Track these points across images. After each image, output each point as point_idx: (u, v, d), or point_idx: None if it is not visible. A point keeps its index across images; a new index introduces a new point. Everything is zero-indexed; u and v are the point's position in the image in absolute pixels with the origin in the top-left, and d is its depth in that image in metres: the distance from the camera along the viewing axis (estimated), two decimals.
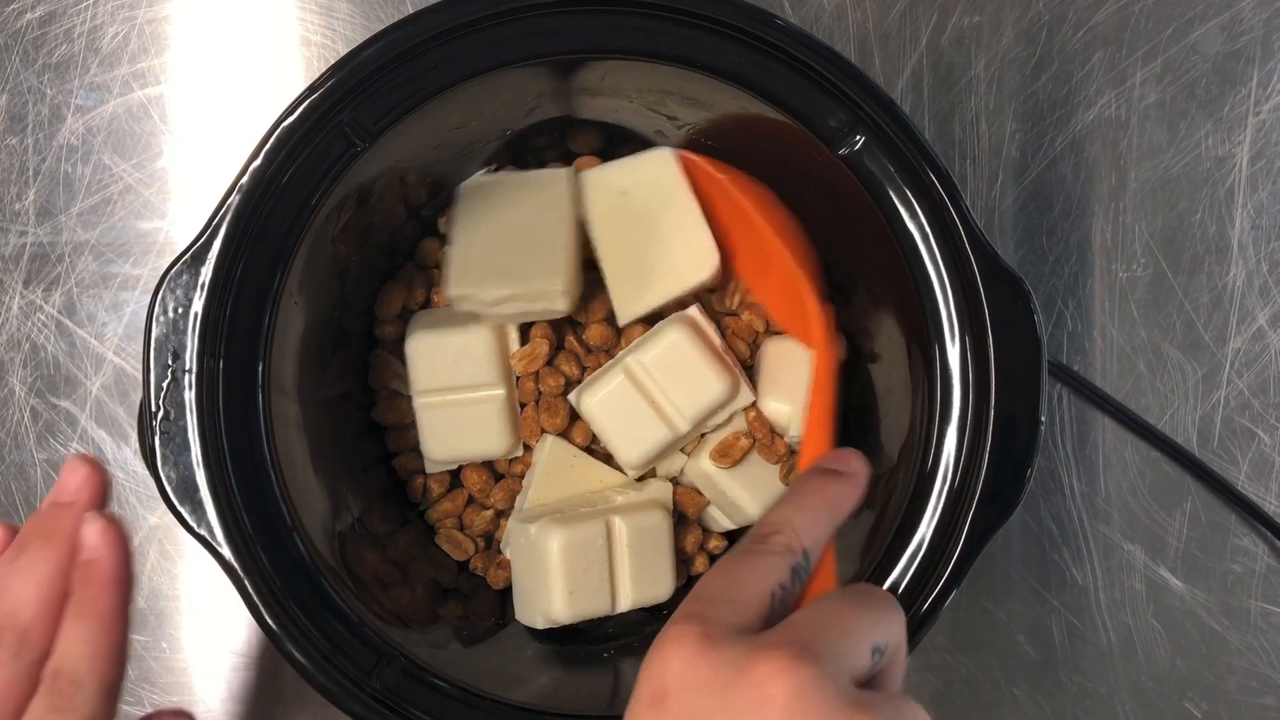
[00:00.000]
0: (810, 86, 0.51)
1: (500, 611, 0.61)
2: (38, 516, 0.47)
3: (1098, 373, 0.68)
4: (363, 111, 0.49)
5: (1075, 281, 0.67)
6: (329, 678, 0.49)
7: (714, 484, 0.60)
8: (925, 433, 0.51)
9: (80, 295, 0.66)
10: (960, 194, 0.50)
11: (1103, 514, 0.68)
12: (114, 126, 0.67)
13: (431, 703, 0.50)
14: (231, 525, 0.48)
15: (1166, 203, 0.67)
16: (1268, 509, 0.67)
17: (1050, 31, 0.67)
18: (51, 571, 0.45)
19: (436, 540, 0.62)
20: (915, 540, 0.51)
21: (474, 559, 0.62)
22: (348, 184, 0.51)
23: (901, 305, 0.52)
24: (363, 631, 0.49)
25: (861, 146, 0.51)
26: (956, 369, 0.51)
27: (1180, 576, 0.68)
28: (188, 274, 0.48)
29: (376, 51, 0.49)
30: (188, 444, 0.48)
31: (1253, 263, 0.67)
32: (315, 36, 0.67)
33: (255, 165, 0.49)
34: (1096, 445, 0.68)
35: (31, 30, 0.67)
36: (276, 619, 0.48)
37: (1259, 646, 0.67)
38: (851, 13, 0.67)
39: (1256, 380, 0.67)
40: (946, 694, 0.67)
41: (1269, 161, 0.67)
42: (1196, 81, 0.67)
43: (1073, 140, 0.67)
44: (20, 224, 0.66)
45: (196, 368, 0.48)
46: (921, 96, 0.67)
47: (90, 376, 0.66)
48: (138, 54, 0.67)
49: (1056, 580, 0.67)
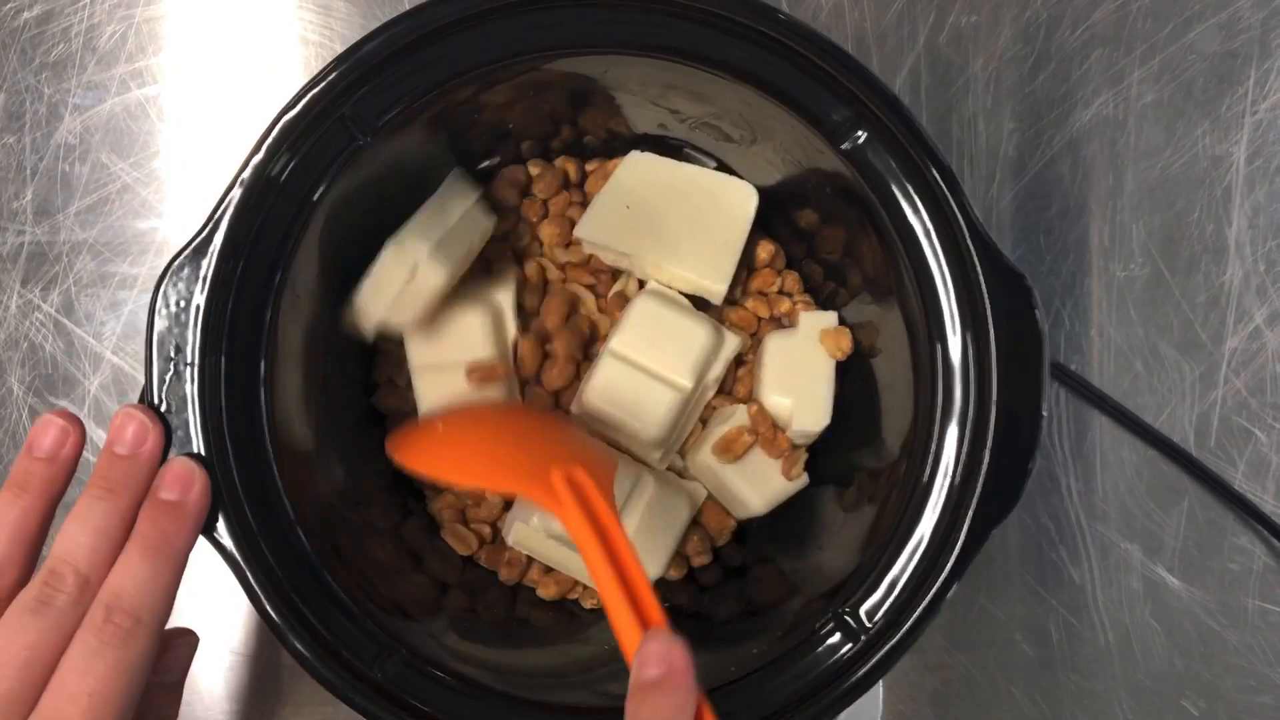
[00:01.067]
0: (813, 82, 0.51)
1: (511, 605, 0.61)
2: (101, 465, 0.47)
3: (1095, 372, 0.68)
4: (365, 105, 0.49)
5: (1073, 281, 0.68)
6: (330, 669, 0.49)
7: (716, 477, 0.60)
8: (927, 427, 0.51)
9: (78, 294, 0.66)
10: (963, 190, 0.50)
11: (1100, 513, 0.68)
12: (111, 125, 0.67)
13: (433, 694, 0.50)
14: (233, 518, 0.48)
15: (1164, 202, 0.68)
16: (1264, 508, 0.67)
17: (1048, 31, 0.68)
18: (114, 521, 0.45)
19: (442, 535, 0.62)
20: (916, 535, 0.51)
21: (479, 552, 0.62)
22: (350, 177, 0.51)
23: (903, 300, 0.52)
24: (364, 624, 0.49)
25: (864, 142, 0.51)
26: (958, 364, 0.51)
27: (1177, 575, 0.68)
28: (189, 267, 0.48)
29: (379, 45, 0.49)
30: (190, 437, 0.48)
31: (1250, 262, 0.67)
32: (313, 35, 0.67)
33: (257, 159, 0.49)
34: (1094, 444, 0.68)
35: (29, 29, 0.67)
36: (278, 611, 0.48)
37: (1256, 645, 0.67)
38: (849, 11, 0.67)
39: (1253, 379, 0.68)
40: (944, 692, 0.67)
41: (1266, 161, 0.67)
42: (1194, 81, 0.68)
43: (1070, 139, 0.68)
44: (18, 223, 0.66)
45: (198, 361, 0.48)
46: (919, 95, 0.67)
47: (88, 376, 0.66)
48: (135, 53, 0.67)
49: (1054, 579, 0.67)
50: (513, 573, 0.62)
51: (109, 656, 0.43)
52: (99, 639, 0.43)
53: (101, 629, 0.43)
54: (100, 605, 0.44)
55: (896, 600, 0.50)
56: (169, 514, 0.46)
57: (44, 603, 0.43)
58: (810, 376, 0.60)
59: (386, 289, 0.55)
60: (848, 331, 0.60)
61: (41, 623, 0.43)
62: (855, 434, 0.59)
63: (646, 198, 0.59)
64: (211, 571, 0.50)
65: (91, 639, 0.43)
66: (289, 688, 0.66)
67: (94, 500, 0.46)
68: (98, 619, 0.43)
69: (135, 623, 0.44)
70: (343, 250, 0.55)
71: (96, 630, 0.43)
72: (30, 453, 0.47)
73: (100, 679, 0.43)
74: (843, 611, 0.51)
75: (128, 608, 0.44)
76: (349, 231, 0.55)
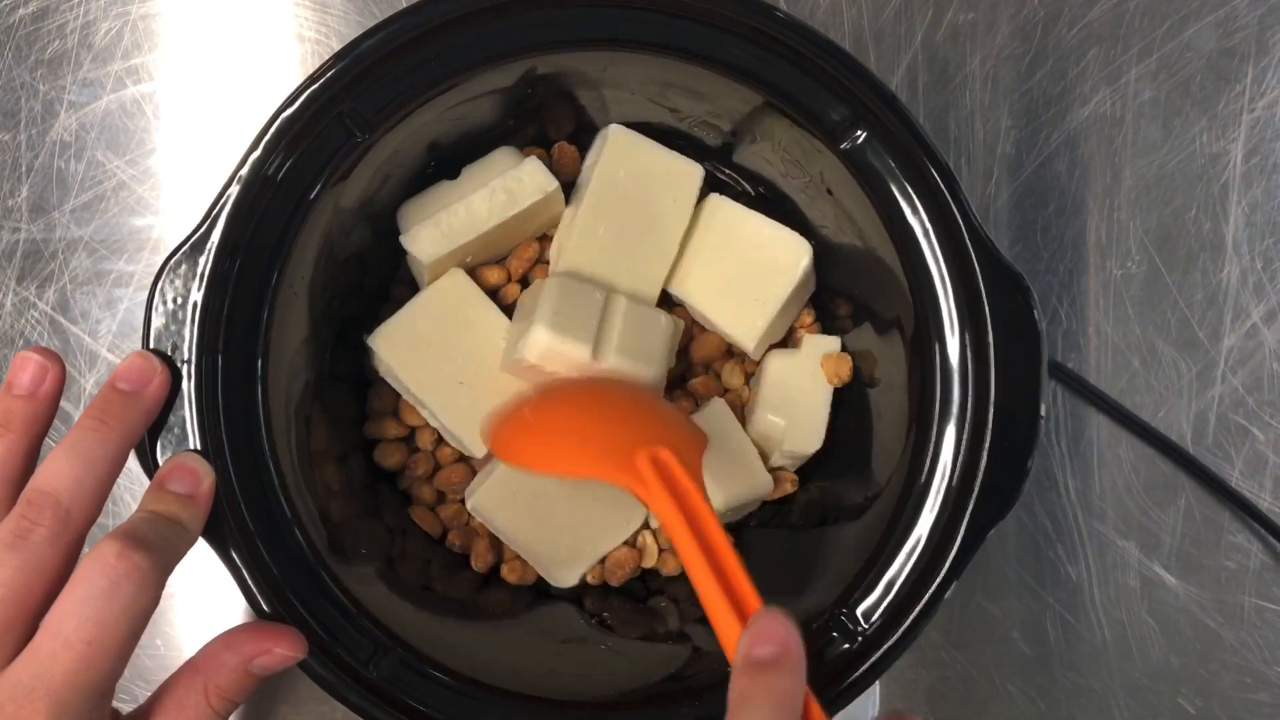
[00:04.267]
0: (812, 80, 0.51)
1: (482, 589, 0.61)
2: (99, 399, 0.45)
3: (1092, 370, 0.68)
4: (363, 102, 0.49)
5: (1070, 279, 0.68)
6: (326, 668, 0.49)
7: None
8: (925, 427, 0.51)
9: (74, 292, 0.66)
10: (962, 190, 0.50)
11: (1097, 511, 0.68)
12: (107, 123, 0.67)
13: (428, 693, 0.50)
14: (229, 515, 0.48)
15: (1161, 200, 0.68)
16: (1261, 506, 0.67)
17: (1045, 28, 0.68)
18: (103, 455, 0.44)
19: (410, 512, 0.61)
20: (914, 536, 0.51)
21: (450, 535, 0.62)
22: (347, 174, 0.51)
23: (902, 300, 0.52)
24: (360, 622, 0.49)
25: (863, 141, 0.51)
26: (956, 364, 0.51)
27: (1174, 573, 0.68)
28: (187, 264, 0.48)
29: (377, 42, 0.49)
30: (186, 436, 0.48)
31: (1247, 260, 0.67)
32: (309, 32, 0.67)
33: (255, 156, 0.49)
34: (1091, 442, 0.68)
35: (24, 26, 0.66)
36: (274, 610, 0.48)
37: (1253, 643, 0.68)
38: (846, 9, 0.67)
39: (1250, 377, 0.68)
40: (941, 690, 0.67)
41: (1263, 158, 0.67)
42: (1191, 78, 0.68)
43: (1067, 137, 0.68)
44: (13, 220, 0.66)
45: (195, 358, 0.48)
46: (916, 93, 0.67)
47: (84, 374, 0.66)
48: (131, 50, 0.67)
49: (1051, 577, 0.67)
50: (482, 557, 0.61)
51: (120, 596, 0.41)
52: (108, 579, 0.41)
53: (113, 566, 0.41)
54: (115, 538, 0.41)
55: (894, 601, 0.50)
56: (180, 503, 0.45)
57: (21, 536, 0.41)
58: (807, 399, 0.60)
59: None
60: (849, 359, 0.60)
61: (18, 558, 0.41)
62: (852, 434, 0.59)
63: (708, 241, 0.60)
64: (206, 569, 0.49)
65: (100, 579, 0.41)
66: (286, 686, 0.65)
67: (84, 431, 0.44)
68: (109, 558, 0.41)
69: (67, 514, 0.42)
70: (340, 248, 0.55)
71: (107, 568, 0.41)
72: (9, 391, 0.45)
73: (100, 625, 0.40)
74: (840, 612, 0.51)
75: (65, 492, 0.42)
76: (347, 229, 0.55)
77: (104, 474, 0.44)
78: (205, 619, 0.66)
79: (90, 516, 0.43)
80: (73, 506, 0.42)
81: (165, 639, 0.65)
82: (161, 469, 0.46)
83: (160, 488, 0.46)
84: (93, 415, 0.44)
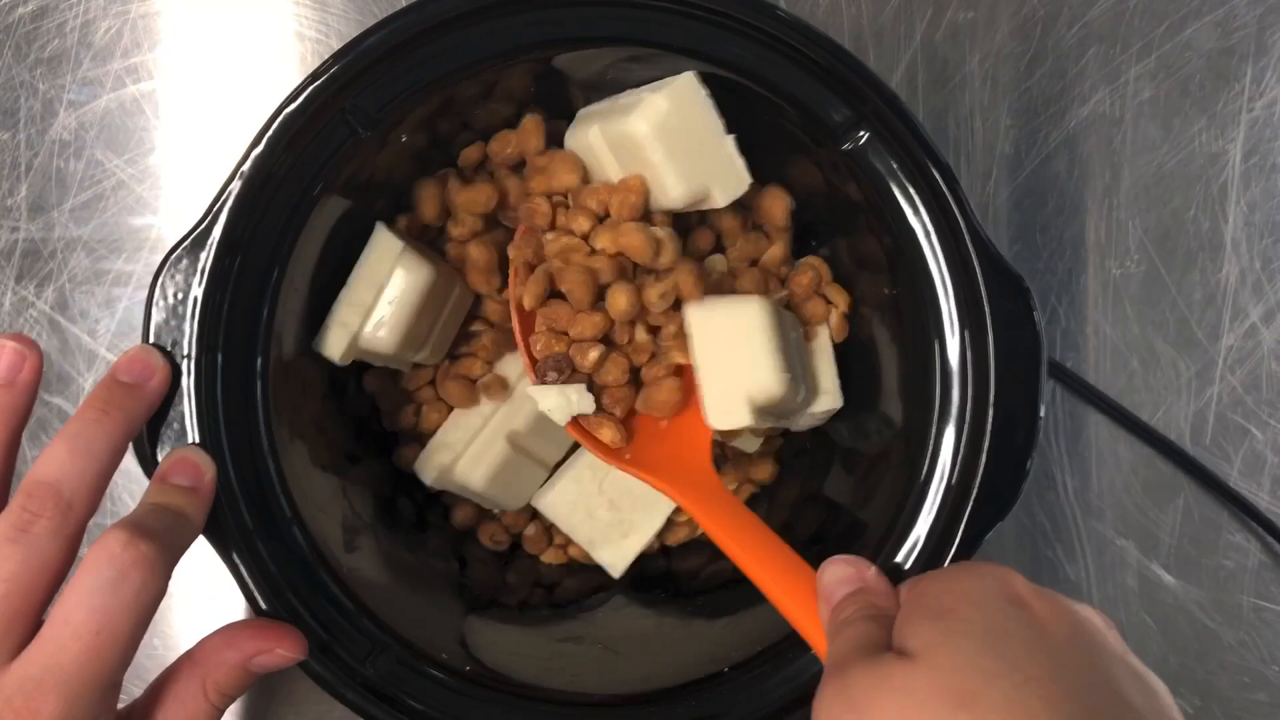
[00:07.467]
0: (814, 81, 0.51)
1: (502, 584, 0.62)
2: (100, 389, 0.45)
3: (1091, 369, 0.68)
4: (366, 99, 0.49)
5: (1069, 278, 0.68)
6: (324, 666, 0.49)
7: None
8: (924, 428, 0.51)
9: (73, 291, 0.66)
10: (963, 192, 0.50)
11: (1095, 510, 0.68)
12: (106, 122, 0.67)
13: (425, 691, 0.50)
14: (228, 513, 0.48)
15: (1160, 199, 0.68)
16: (1260, 505, 0.67)
17: (1044, 27, 0.68)
18: (104, 446, 0.43)
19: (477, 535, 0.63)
20: (913, 536, 0.51)
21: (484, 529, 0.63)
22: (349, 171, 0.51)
23: (902, 300, 0.52)
24: (359, 620, 0.49)
25: (865, 142, 0.51)
26: (956, 364, 0.51)
27: (1173, 573, 0.68)
28: (188, 260, 0.48)
29: (381, 39, 0.49)
30: (185, 432, 0.48)
31: (1246, 260, 0.67)
32: (309, 31, 0.67)
33: (258, 152, 0.49)
34: (1089, 442, 0.68)
35: (24, 24, 0.66)
36: (272, 608, 0.48)
37: (1251, 642, 0.68)
38: (846, 8, 0.67)
39: (1249, 377, 0.68)
40: None
41: (1262, 158, 0.67)
42: (1191, 78, 0.68)
43: (1067, 136, 0.68)
44: (12, 220, 0.66)
45: (195, 354, 0.48)
46: (916, 93, 0.67)
47: (83, 373, 0.66)
48: (130, 49, 0.67)
49: (1049, 576, 0.67)
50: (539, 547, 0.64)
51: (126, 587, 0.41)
52: (115, 569, 0.40)
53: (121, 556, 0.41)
54: (121, 528, 0.41)
55: None
56: (183, 495, 0.45)
57: (22, 529, 0.41)
58: (816, 360, 0.59)
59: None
60: (847, 324, 0.59)
61: (20, 551, 0.41)
62: (852, 434, 0.59)
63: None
64: (205, 569, 0.49)
65: (107, 570, 0.40)
66: (285, 684, 0.65)
67: (86, 421, 0.44)
68: (115, 548, 0.41)
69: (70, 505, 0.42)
70: (342, 245, 0.55)
71: (113, 559, 0.41)
72: None
73: (109, 615, 0.40)
74: None
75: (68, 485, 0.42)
76: (349, 226, 0.54)
77: (105, 466, 0.43)
78: (204, 618, 0.65)
79: (91, 508, 0.43)
80: (74, 498, 0.42)
81: (163, 638, 0.65)
82: (163, 463, 0.46)
83: (163, 481, 0.45)
84: (94, 406, 0.44)
